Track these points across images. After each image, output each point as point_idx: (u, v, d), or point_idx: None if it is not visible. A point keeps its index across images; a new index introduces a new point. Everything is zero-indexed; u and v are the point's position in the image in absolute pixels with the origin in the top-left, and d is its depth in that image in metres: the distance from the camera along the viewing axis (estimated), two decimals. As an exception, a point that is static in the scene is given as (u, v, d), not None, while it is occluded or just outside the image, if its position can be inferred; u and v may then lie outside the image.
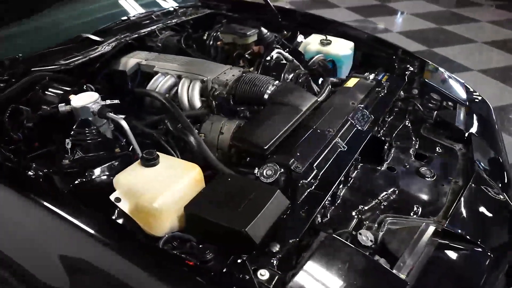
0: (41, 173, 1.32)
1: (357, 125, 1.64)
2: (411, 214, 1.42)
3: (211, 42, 2.35)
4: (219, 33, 2.31)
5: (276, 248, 1.11)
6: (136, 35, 2.08)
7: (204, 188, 1.27)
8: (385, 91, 1.93)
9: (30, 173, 1.32)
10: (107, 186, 1.27)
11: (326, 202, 1.35)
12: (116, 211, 1.22)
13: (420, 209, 1.44)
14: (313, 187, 1.34)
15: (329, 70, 2.21)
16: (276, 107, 1.64)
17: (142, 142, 1.54)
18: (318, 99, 1.79)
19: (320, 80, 2.07)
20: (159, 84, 1.83)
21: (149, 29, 2.18)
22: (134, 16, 2.28)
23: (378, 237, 1.26)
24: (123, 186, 1.25)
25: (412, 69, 2.19)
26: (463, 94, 2.15)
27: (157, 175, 1.28)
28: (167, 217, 1.20)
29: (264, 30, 2.36)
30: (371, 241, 1.27)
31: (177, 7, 2.54)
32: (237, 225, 1.11)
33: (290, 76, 1.92)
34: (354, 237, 1.28)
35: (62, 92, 1.62)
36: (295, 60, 2.13)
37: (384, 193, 1.50)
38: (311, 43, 2.33)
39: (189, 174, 1.30)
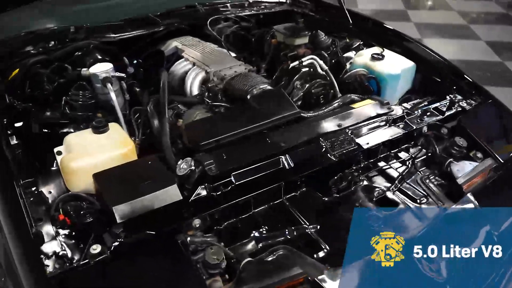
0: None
1: (326, 148, 1.50)
2: (314, 256, 1.27)
3: (267, 38, 2.38)
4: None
5: (119, 230, 1.17)
6: (190, 22, 2.26)
7: (123, 164, 1.40)
8: (401, 123, 1.68)
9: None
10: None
11: (220, 213, 1.32)
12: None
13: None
14: (217, 193, 1.32)
15: (365, 86, 2.00)
16: (247, 109, 1.63)
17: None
18: (308, 114, 1.69)
19: (339, 96, 1.91)
20: (179, 68, 2.00)
21: (210, 18, 2.33)
22: (205, 3, 2.46)
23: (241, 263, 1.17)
24: (67, 143, 1.48)
25: (465, 105, 1.82)
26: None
27: (95, 142, 1.47)
28: (81, 178, 1.38)
29: (321, 34, 2.28)
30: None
31: (254, 1, 2.62)
32: (111, 200, 1.22)
33: (298, 83, 1.84)
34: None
35: (92, 60, 1.93)
36: (327, 70, 2.02)
37: (302, 225, 1.36)
38: (363, 56, 2.14)
39: (119, 149, 1.45)
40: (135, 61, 2.10)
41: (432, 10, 6.88)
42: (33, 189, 1.32)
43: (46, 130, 1.64)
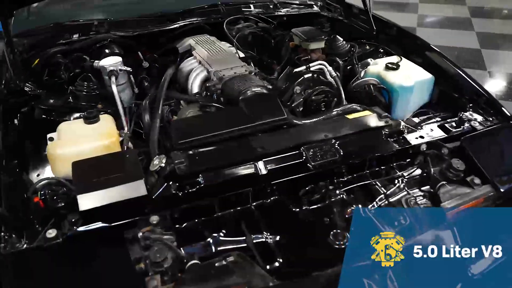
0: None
1: (306, 157, 1.45)
2: (266, 267, 1.23)
3: (286, 41, 2.35)
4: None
5: (76, 218, 1.22)
6: (208, 20, 2.29)
7: (103, 155, 1.46)
8: (397, 138, 1.58)
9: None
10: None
11: (181, 213, 1.33)
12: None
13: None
14: (182, 192, 1.33)
15: (373, 97, 1.91)
16: (235, 111, 1.62)
17: None
18: (299, 121, 1.65)
19: (344, 104, 1.83)
20: (186, 65, 2.04)
21: (228, 18, 2.34)
22: (228, 2, 2.47)
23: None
24: (59, 130, 1.57)
25: (477, 125, 1.67)
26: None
27: (84, 132, 1.55)
28: (64, 164, 1.45)
29: (339, 40, 2.22)
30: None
31: (281, 2, 2.59)
32: (78, 189, 1.28)
33: (298, 88, 1.80)
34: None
35: (108, 52, 2.03)
36: (336, 77, 1.95)
37: (262, 234, 1.33)
38: (378, 65, 2.04)
39: (103, 140, 1.52)
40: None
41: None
42: (17, 170, 1.41)
43: (48, 117, 1.74)
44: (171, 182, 1.34)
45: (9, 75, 1.80)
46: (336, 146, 1.50)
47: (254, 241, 1.30)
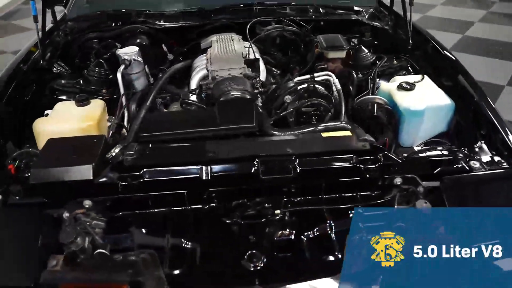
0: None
1: (257, 169, 1.40)
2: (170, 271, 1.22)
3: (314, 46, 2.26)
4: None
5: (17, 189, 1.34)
6: (234, 20, 2.30)
7: (76, 136, 1.57)
8: (368, 166, 1.43)
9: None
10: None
11: (115, 203, 1.37)
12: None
13: None
14: (123, 183, 1.38)
15: (374, 117, 1.73)
16: (207, 113, 1.63)
17: None
18: (273, 132, 1.58)
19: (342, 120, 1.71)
20: (198, 61, 2.08)
21: (259, 18, 2.32)
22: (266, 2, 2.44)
23: None
24: (55, 108, 1.74)
25: (477, 165, 1.42)
26: None
27: (71, 113, 1.69)
28: (44, 139, 1.59)
29: (364, 51, 2.07)
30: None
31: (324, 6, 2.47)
32: (34, 163, 1.41)
33: (288, 97, 1.73)
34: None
35: (135, 42, 2.17)
36: (339, 91, 1.82)
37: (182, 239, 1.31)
38: (395, 82, 1.84)
39: (81, 122, 1.64)
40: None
41: None
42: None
43: (57, 96, 1.93)
44: (115, 172, 1.39)
45: (39, 54, 2.03)
46: (295, 164, 1.41)
47: (170, 243, 1.30)
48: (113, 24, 2.36)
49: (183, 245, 1.30)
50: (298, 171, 1.39)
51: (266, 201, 1.37)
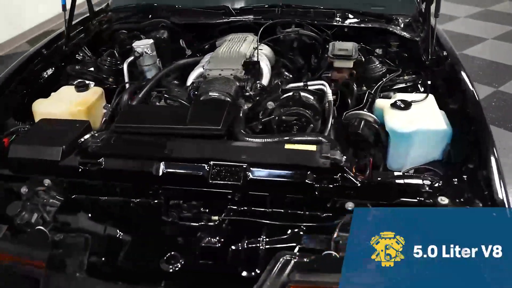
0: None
1: (208, 172, 1.39)
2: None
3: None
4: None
5: None
6: (253, 20, 2.28)
7: (64, 119, 1.69)
8: (320, 184, 1.34)
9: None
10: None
11: (71, 185, 1.45)
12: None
13: None
14: (82, 167, 1.45)
15: (358, 134, 1.61)
16: (180, 110, 1.65)
17: None
18: (242, 137, 1.55)
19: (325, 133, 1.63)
20: (203, 59, 2.11)
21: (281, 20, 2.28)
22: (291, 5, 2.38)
23: None
24: (58, 91, 1.89)
25: (445, 202, 1.26)
26: None
27: (70, 97, 1.82)
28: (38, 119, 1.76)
29: (374, 62, 1.94)
30: None
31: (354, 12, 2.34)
32: (15, 140, 1.56)
33: (270, 104, 1.69)
34: None
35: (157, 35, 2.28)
36: (330, 102, 1.73)
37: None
38: (393, 99, 1.69)
39: (72, 107, 1.76)
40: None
41: None
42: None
43: (70, 81, 2.08)
44: (79, 156, 1.48)
45: (65, 40, 2.21)
46: (247, 172, 1.38)
47: (109, 233, 1.35)
48: (143, 17, 2.48)
49: (117, 236, 1.34)
50: (248, 180, 1.36)
51: (202, 205, 1.36)
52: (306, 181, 1.34)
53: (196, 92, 1.79)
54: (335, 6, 2.38)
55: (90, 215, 1.42)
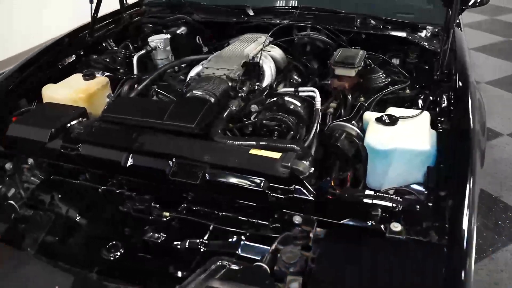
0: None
1: (169, 168, 1.42)
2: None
3: None
4: None
5: None
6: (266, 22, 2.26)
7: (66, 104, 1.81)
8: (276, 195, 1.31)
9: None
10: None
11: (51, 167, 1.55)
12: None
13: None
14: (62, 152, 1.54)
15: (335, 147, 1.53)
16: (163, 105, 1.69)
17: None
18: (214, 138, 1.56)
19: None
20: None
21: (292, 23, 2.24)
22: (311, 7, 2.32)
23: None
24: (69, 78, 2.02)
25: (398, 228, 1.17)
26: None
27: (77, 84, 1.94)
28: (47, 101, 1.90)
29: (377, 72, 1.85)
30: None
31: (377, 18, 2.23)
32: (20, 119, 1.71)
33: (254, 107, 1.67)
34: None
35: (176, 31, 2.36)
36: (317, 111, 1.68)
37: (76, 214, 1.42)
38: (382, 113, 1.59)
39: (74, 94, 1.87)
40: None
41: None
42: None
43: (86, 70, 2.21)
44: (61, 140, 1.58)
45: (89, 30, 2.35)
46: (206, 173, 1.38)
47: (69, 215, 1.43)
48: (171, 12, 2.56)
49: (76, 219, 1.42)
50: (205, 180, 1.36)
51: (155, 200, 1.39)
52: (260, 188, 1.32)
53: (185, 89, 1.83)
54: (361, 11, 2.28)
55: (60, 196, 1.52)
